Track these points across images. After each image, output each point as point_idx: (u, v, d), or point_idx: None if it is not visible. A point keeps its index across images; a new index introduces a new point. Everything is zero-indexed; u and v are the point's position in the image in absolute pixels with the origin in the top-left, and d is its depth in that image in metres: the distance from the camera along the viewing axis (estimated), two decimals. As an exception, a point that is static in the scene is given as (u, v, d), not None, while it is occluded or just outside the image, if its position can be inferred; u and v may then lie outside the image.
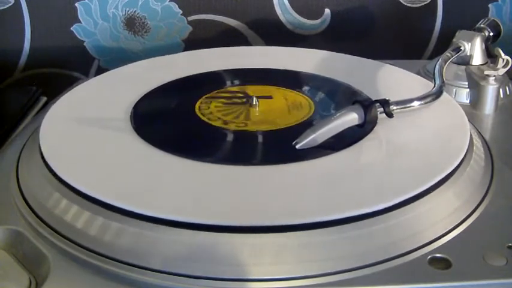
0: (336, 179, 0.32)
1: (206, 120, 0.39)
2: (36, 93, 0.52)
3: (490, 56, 0.48)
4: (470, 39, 0.48)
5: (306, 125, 0.37)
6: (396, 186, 0.31)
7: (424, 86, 0.43)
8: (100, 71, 0.66)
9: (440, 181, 0.32)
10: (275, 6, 0.65)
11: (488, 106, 0.44)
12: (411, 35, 0.67)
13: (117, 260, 0.28)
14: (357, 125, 0.36)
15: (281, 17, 0.65)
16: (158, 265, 0.27)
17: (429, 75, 0.48)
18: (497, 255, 0.28)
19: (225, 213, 0.29)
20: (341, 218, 0.28)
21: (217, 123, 0.39)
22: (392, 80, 0.46)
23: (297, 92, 0.44)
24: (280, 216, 0.29)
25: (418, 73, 0.50)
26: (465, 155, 0.34)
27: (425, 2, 0.65)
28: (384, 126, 0.37)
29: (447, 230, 0.30)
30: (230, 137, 0.37)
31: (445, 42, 0.49)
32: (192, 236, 0.28)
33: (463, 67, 0.47)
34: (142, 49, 0.66)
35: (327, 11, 0.65)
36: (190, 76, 0.48)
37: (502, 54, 0.44)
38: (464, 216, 0.31)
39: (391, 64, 0.49)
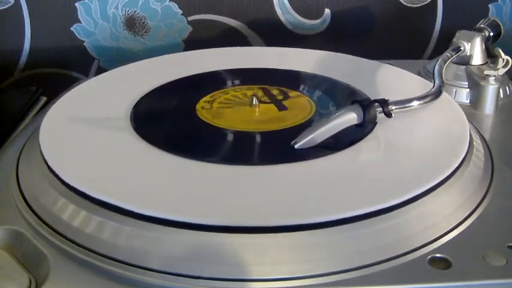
0: (335, 179, 0.32)
1: (206, 120, 0.39)
2: (36, 93, 0.52)
3: (490, 56, 0.48)
4: (470, 39, 0.48)
5: (306, 125, 0.37)
6: (396, 187, 0.31)
7: (423, 86, 0.43)
8: (100, 71, 0.66)
9: (440, 181, 0.32)
10: (275, 6, 0.65)
11: (488, 106, 0.44)
12: (411, 35, 0.67)
13: (117, 260, 0.28)
14: (356, 125, 0.36)
15: (281, 17, 0.65)
16: (158, 265, 0.27)
17: (429, 75, 0.48)
18: (497, 255, 0.28)
19: (225, 213, 0.29)
20: (341, 218, 0.28)
21: (217, 123, 0.39)
22: (392, 80, 0.46)
23: (297, 92, 0.44)
24: (280, 216, 0.29)
25: (418, 73, 0.50)
26: (465, 155, 0.34)
27: (425, 2, 0.65)
28: (383, 127, 0.37)
29: (447, 230, 0.30)
30: (230, 137, 0.37)
31: (445, 42, 0.49)
32: (192, 236, 0.28)
33: (463, 67, 0.47)
34: (142, 49, 0.66)
35: (327, 11, 0.65)
36: (190, 76, 0.48)
37: (502, 54, 0.44)
38: (464, 216, 0.31)
39: (391, 64, 0.49)
